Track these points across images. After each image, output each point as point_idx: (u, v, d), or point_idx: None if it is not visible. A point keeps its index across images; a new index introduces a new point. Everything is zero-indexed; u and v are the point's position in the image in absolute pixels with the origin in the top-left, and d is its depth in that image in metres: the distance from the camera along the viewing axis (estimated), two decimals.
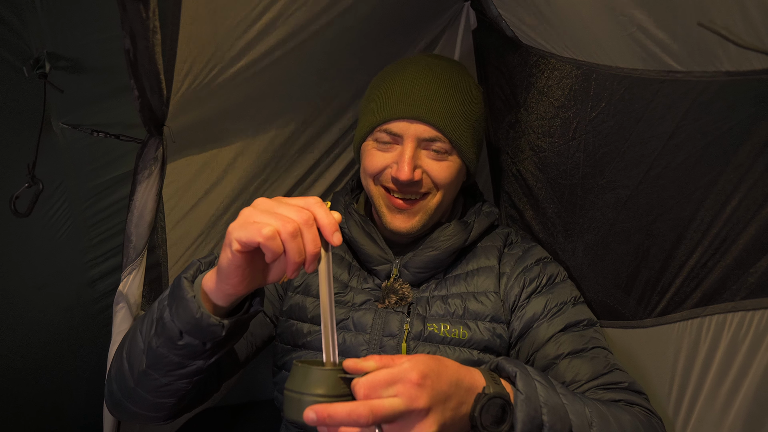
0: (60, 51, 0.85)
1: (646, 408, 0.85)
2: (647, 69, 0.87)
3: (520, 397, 0.69)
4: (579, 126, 1.02)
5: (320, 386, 0.62)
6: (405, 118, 0.93)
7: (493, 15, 1.07)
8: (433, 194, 0.97)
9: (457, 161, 0.97)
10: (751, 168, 0.85)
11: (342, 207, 1.05)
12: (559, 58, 1.01)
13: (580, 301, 1.01)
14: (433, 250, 0.99)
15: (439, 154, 0.95)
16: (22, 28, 0.82)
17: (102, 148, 1.00)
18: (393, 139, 0.95)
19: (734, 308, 0.92)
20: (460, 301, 0.97)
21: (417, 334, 0.94)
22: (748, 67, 0.76)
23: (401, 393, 0.61)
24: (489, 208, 1.08)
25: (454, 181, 0.98)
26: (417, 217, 0.97)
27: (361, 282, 1.01)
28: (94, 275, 1.16)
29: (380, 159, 0.96)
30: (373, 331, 0.95)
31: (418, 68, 0.97)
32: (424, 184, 0.95)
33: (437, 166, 0.95)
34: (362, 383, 0.61)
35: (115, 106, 0.95)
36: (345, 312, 0.97)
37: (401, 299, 0.96)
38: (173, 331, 0.71)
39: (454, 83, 0.96)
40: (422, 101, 0.92)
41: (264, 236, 0.60)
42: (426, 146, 0.94)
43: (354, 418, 0.58)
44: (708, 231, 0.93)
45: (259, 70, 0.98)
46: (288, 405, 0.63)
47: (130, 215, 0.86)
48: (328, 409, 0.59)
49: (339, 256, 1.04)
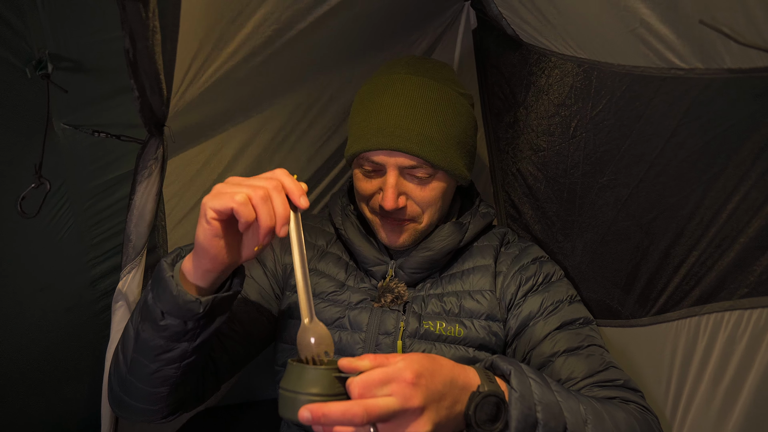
0: (62, 52, 0.85)
1: (641, 405, 0.86)
2: (649, 66, 0.87)
3: (515, 395, 0.70)
4: (579, 124, 1.02)
5: (315, 385, 0.63)
6: (383, 149, 0.94)
7: (494, 14, 1.07)
8: (420, 217, 0.99)
9: (442, 181, 0.98)
10: (752, 166, 0.85)
11: (339, 208, 1.06)
12: (560, 56, 1.01)
13: (576, 299, 1.02)
14: (428, 251, 1.00)
15: (422, 179, 0.96)
16: (24, 29, 0.82)
17: (103, 148, 1.00)
18: (376, 167, 0.97)
19: (732, 307, 0.93)
20: (456, 299, 0.98)
21: (413, 332, 0.95)
22: (750, 64, 0.76)
23: (396, 392, 0.62)
24: (486, 209, 1.09)
25: (441, 199, 0.99)
26: (407, 233, 1.00)
27: (357, 282, 1.02)
28: (95, 275, 1.16)
29: (368, 186, 0.99)
30: (368, 329, 0.96)
31: (395, 92, 0.96)
32: (410, 209, 0.97)
33: (421, 192, 0.97)
34: (357, 382, 0.62)
35: (115, 107, 0.95)
36: (341, 311, 0.98)
37: (397, 298, 0.98)
38: (155, 312, 0.73)
39: (433, 103, 0.95)
40: (399, 132, 0.93)
41: (237, 202, 0.64)
42: (409, 173, 0.96)
43: (349, 418, 0.59)
44: (708, 229, 0.93)
45: (258, 68, 0.98)
46: (283, 404, 0.64)
47: (129, 215, 0.87)
48: (322, 408, 0.60)
49: (336, 256, 1.06)
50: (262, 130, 1.14)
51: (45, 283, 1.11)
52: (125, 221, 0.89)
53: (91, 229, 1.10)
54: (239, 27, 0.89)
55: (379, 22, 1.14)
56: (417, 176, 0.96)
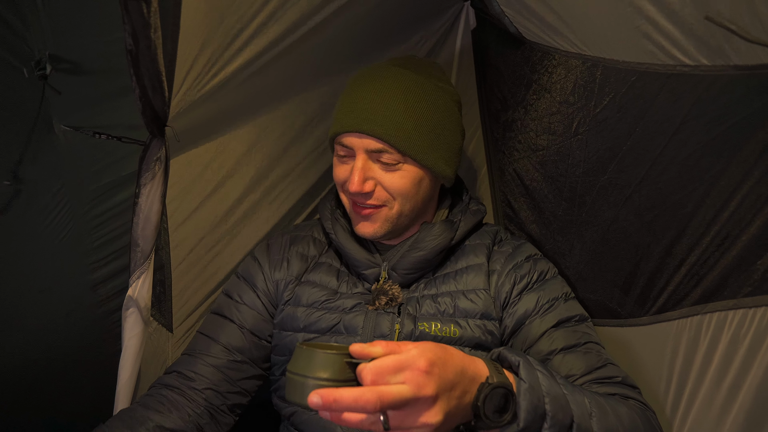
0: (62, 53, 0.85)
1: (640, 401, 0.87)
2: (654, 63, 0.86)
3: (524, 386, 0.70)
4: (582, 122, 1.01)
5: (325, 370, 0.62)
6: (351, 131, 0.95)
7: (496, 12, 1.06)
8: (390, 205, 0.98)
9: (412, 170, 0.97)
10: (755, 164, 0.85)
11: (328, 212, 1.07)
12: (564, 53, 1.00)
13: (571, 297, 1.02)
14: (419, 251, 1.00)
15: (389, 165, 0.96)
16: (24, 30, 0.82)
17: (103, 150, 0.99)
18: (347, 152, 0.97)
19: (736, 305, 0.93)
20: (450, 300, 0.98)
21: (408, 334, 0.95)
22: (757, 61, 0.76)
23: (409, 380, 0.61)
24: (476, 206, 1.09)
25: (412, 189, 0.98)
26: (378, 223, 0.99)
27: (350, 287, 1.02)
28: (96, 279, 1.15)
29: (341, 171, 0.99)
30: (364, 332, 0.96)
31: (371, 79, 0.98)
32: (378, 194, 0.97)
33: (389, 177, 0.96)
34: (370, 368, 0.61)
35: (116, 108, 0.94)
36: (336, 317, 0.98)
37: (391, 300, 0.97)
38: None
39: (405, 91, 0.96)
40: (365, 114, 0.94)
41: None
42: (377, 158, 0.96)
43: (361, 405, 0.58)
44: (710, 227, 0.92)
45: (260, 68, 0.98)
46: (291, 388, 0.63)
47: (135, 219, 0.86)
48: (333, 393, 0.59)
49: (327, 264, 1.06)
50: (267, 131, 1.13)
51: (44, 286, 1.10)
52: (128, 224, 0.88)
53: (91, 232, 1.09)
54: (241, 29, 0.88)
55: (380, 23, 1.14)
56: (384, 161, 0.96)
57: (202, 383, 0.98)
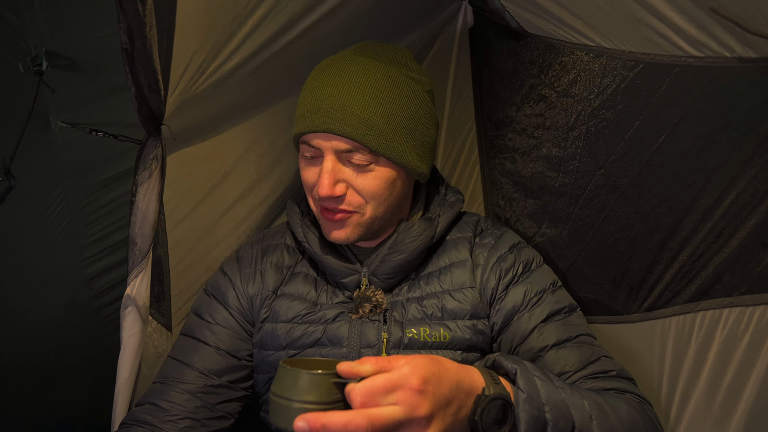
0: (59, 49, 0.85)
1: (637, 395, 0.85)
2: (658, 54, 0.85)
3: (522, 396, 0.68)
4: (581, 114, 0.99)
5: (311, 392, 0.58)
6: (318, 132, 0.88)
7: (496, 7, 1.05)
8: (363, 210, 0.91)
9: (385, 170, 0.90)
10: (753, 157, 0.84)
11: (298, 219, 1.00)
12: (568, 45, 0.97)
13: (558, 285, 0.98)
14: (400, 253, 0.94)
15: (361, 166, 0.88)
16: (21, 26, 0.82)
17: (100, 146, 1.00)
18: (314, 152, 0.90)
19: (732, 303, 0.92)
20: (437, 302, 0.94)
21: (396, 342, 0.91)
22: (761, 53, 0.76)
23: (401, 401, 0.58)
24: (453, 197, 1.03)
25: (386, 191, 0.91)
26: (350, 228, 0.92)
27: (330, 297, 0.97)
28: (92, 273, 1.16)
29: (310, 174, 0.91)
30: (349, 343, 0.91)
31: (334, 71, 0.90)
32: (349, 199, 0.89)
33: (361, 179, 0.89)
34: (359, 390, 0.58)
35: (113, 106, 0.94)
36: (319, 330, 0.93)
37: (375, 306, 0.93)
38: None
39: (374, 84, 0.88)
40: (333, 112, 0.86)
41: None
42: (348, 159, 0.88)
43: (351, 430, 0.55)
44: (704, 223, 0.92)
45: (257, 67, 0.97)
46: (275, 411, 0.59)
47: (133, 218, 0.85)
48: (321, 418, 0.55)
49: (303, 273, 0.99)
50: (264, 131, 1.13)
51: (41, 281, 1.11)
52: (124, 220, 0.88)
53: (87, 227, 1.10)
54: (238, 27, 0.87)
55: (376, 23, 1.12)
56: (354, 162, 0.88)
57: (178, 412, 0.90)
